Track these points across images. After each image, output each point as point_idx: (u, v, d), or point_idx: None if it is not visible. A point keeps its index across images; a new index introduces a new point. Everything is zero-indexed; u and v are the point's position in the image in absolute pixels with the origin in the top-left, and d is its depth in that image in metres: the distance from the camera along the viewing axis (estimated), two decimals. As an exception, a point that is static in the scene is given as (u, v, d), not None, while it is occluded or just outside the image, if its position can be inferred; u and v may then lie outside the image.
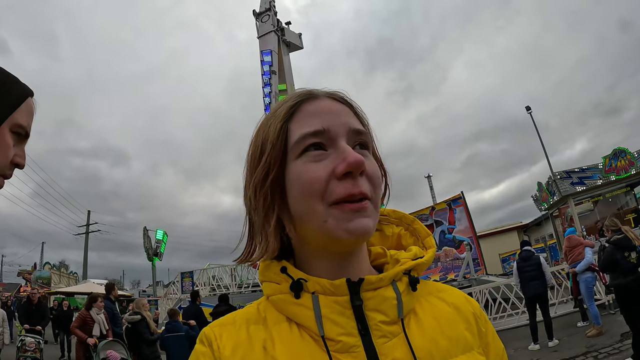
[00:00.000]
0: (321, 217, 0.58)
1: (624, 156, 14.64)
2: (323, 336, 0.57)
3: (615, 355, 5.73)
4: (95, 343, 6.46)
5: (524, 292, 7.56)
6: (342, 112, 0.63)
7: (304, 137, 0.60)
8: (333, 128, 0.60)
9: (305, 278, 0.61)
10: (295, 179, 0.60)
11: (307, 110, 0.63)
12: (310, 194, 0.58)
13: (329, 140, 0.60)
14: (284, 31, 19.84)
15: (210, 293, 15.99)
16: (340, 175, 0.57)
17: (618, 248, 5.44)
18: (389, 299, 0.60)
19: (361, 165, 0.57)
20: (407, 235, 0.74)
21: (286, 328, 0.60)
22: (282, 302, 0.62)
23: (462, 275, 14.77)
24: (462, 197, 17.00)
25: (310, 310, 0.59)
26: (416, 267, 0.65)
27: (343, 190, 0.57)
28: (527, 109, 19.67)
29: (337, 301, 0.59)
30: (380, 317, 0.59)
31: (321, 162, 0.59)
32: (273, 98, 18.59)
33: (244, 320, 0.64)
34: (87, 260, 31.38)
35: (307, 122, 0.61)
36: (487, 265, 16.22)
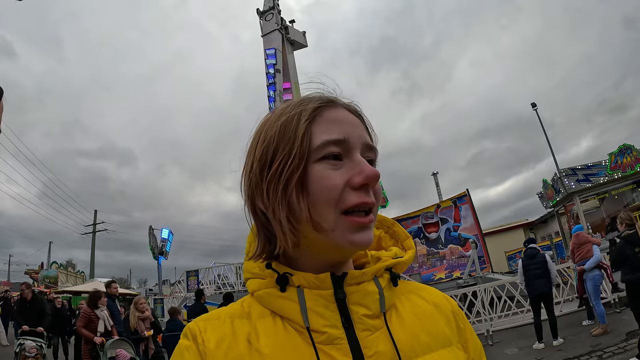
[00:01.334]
0: (330, 225, 0.59)
1: (630, 153, 14.51)
2: (308, 327, 0.59)
3: (621, 354, 5.69)
4: (102, 342, 6.46)
5: (529, 290, 7.51)
6: (358, 124, 0.66)
7: (326, 144, 0.61)
8: (352, 139, 0.62)
9: (290, 272, 0.63)
10: (313, 183, 0.61)
11: (329, 117, 0.64)
12: (327, 200, 0.59)
13: (346, 150, 0.62)
14: (288, 29, 19.80)
15: (216, 291, 16.07)
16: (357, 186, 0.59)
17: (629, 243, 5.41)
18: (371, 293, 0.62)
19: (377, 179, 0.60)
20: (387, 237, 0.77)
21: (270, 322, 0.62)
22: (267, 297, 0.64)
23: (468, 273, 14.75)
24: (467, 195, 16.98)
25: (295, 303, 0.61)
26: (396, 266, 0.68)
27: (356, 199, 0.59)
28: (533, 105, 19.57)
29: (321, 294, 0.61)
30: (363, 310, 0.61)
31: (338, 171, 0.61)
32: (277, 96, 18.57)
33: (228, 315, 0.65)
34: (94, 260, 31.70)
35: (328, 129, 0.62)
36: (493, 263, 16.19)
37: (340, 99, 0.68)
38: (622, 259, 5.47)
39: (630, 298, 5.58)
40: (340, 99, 0.68)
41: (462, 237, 16.71)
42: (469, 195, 16.97)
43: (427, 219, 17.83)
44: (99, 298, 6.94)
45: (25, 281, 9.64)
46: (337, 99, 0.68)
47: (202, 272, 17.61)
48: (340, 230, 0.59)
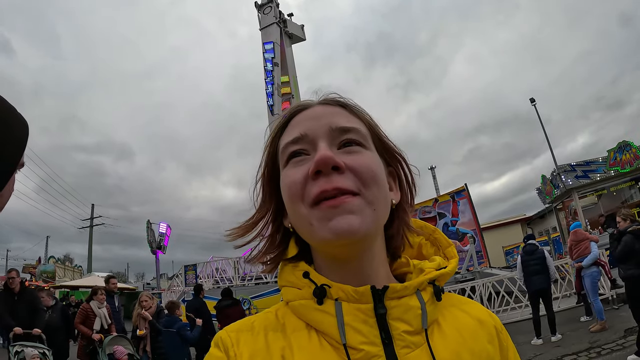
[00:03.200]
0: (307, 221, 0.58)
1: (629, 149, 14.55)
2: (345, 344, 0.56)
3: (619, 351, 5.72)
4: (100, 339, 6.44)
5: (528, 286, 7.54)
6: (327, 114, 0.63)
7: (285, 147, 0.62)
8: (312, 132, 0.61)
9: (328, 284, 0.59)
10: (282, 188, 0.62)
11: (294, 121, 0.65)
12: (291, 197, 0.59)
13: (309, 145, 0.61)
14: (286, 23, 19.70)
15: (214, 286, 16.07)
16: (311, 174, 0.57)
17: (637, 238, 5.40)
18: (413, 308, 0.59)
19: (328, 162, 0.56)
20: (427, 244, 0.74)
21: (305, 336, 0.59)
22: (303, 308, 0.61)
23: (466, 268, 14.79)
24: (465, 190, 16.98)
25: (332, 317, 0.57)
26: (439, 278, 0.64)
27: (316, 189, 0.56)
28: (532, 101, 19.58)
29: (360, 309, 0.57)
30: (404, 326, 0.58)
31: (301, 167, 0.60)
32: (275, 90, 18.51)
33: (262, 327, 0.62)
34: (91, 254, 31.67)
35: (290, 132, 0.63)
36: (491, 258, 16.23)
37: (313, 99, 0.68)
38: (629, 253, 5.45)
39: (629, 295, 5.59)
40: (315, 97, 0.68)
41: (460, 231, 16.72)
42: (467, 190, 16.97)
43: (425, 214, 17.82)
44: (95, 293, 6.91)
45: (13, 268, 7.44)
46: (310, 101, 0.67)
47: (200, 266, 17.61)
48: (316, 221, 0.57)
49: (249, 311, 13.00)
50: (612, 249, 5.94)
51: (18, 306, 6.31)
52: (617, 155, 14.74)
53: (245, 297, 13.20)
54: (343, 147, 0.60)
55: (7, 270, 6.99)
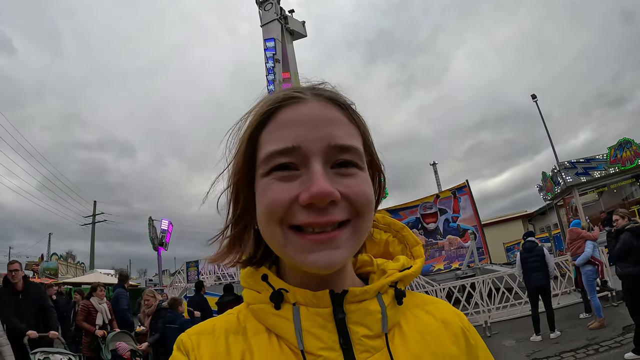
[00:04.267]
0: (280, 243, 0.54)
1: (630, 147, 14.51)
2: (302, 350, 0.55)
3: (617, 348, 5.75)
4: (104, 335, 6.52)
5: (527, 283, 7.59)
6: (323, 121, 0.55)
7: (271, 156, 0.54)
8: (306, 144, 0.53)
9: (286, 288, 0.58)
10: (258, 197, 0.57)
11: (282, 119, 0.56)
12: (269, 216, 0.54)
13: (300, 159, 0.53)
14: (287, 19, 19.64)
15: (216, 282, 16.14)
16: (303, 204, 0.52)
17: (636, 235, 5.45)
18: (373, 312, 0.58)
19: (327, 197, 0.51)
20: (395, 242, 0.72)
21: (265, 339, 0.58)
22: (261, 312, 0.59)
23: (467, 264, 14.81)
24: (467, 186, 16.98)
25: (290, 322, 0.56)
26: (403, 279, 0.63)
27: (305, 218, 0.52)
28: (533, 97, 19.52)
29: (319, 313, 0.56)
30: (364, 331, 0.57)
31: (287, 184, 0.53)
32: (277, 86, 18.44)
33: (223, 329, 0.61)
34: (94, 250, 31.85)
35: (278, 136, 0.55)
36: (492, 254, 16.26)
37: (308, 91, 0.59)
38: (627, 251, 5.49)
39: (626, 292, 5.62)
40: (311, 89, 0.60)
41: (461, 228, 16.73)
42: (468, 186, 16.97)
43: (426, 209, 17.81)
44: (95, 290, 7.00)
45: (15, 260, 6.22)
46: (304, 89, 0.59)
47: (202, 262, 17.66)
48: (292, 247, 0.53)
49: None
50: (610, 247, 5.96)
51: (23, 305, 5.28)
52: (618, 153, 14.70)
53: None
54: (337, 166, 0.55)
55: (9, 262, 5.66)
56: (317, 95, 0.58)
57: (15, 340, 4.77)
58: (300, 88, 0.59)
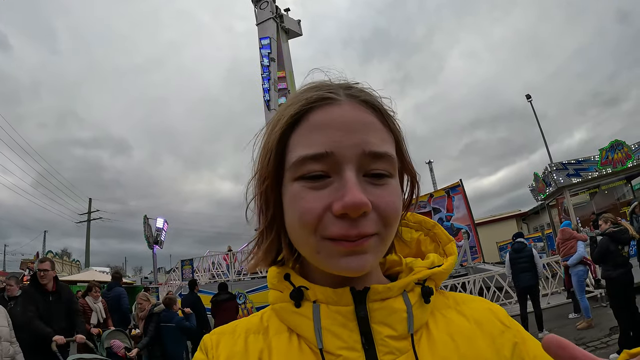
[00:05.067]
0: (314, 249, 0.53)
1: (621, 148, 14.55)
2: (321, 349, 0.53)
3: (603, 349, 5.83)
4: (99, 332, 6.57)
5: (516, 283, 7.70)
6: (358, 125, 0.53)
7: (303, 161, 0.52)
8: (340, 151, 0.51)
9: (306, 286, 0.57)
10: (289, 204, 0.54)
11: (314, 122, 0.53)
12: (302, 224, 0.52)
13: (333, 166, 0.51)
14: (282, 18, 19.64)
15: (210, 280, 16.17)
16: (336, 214, 0.50)
17: (613, 240, 5.56)
18: (398, 311, 0.55)
19: (361, 208, 0.49)
20: (427, 240, 0.69)
21: (286, 339, 0.57)
22: (283, 311, 0.59)
23: (460, 263, 14.91)
24: (460, 185, 17.07)
25: (310, 320, 0.55)
26: (433, 277, 0.60)
27: (337, 230, 0.50)
28: (527, 97, 19.66)
29: (339, 311, 0.54)
30: (388, 331, 0.54)
31: (319, 191, 0.52)
32: (272, 85, 18.50)
33: (244, 329, 0.61)
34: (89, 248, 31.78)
35: (310, 139, 0.52)
36: (485, 253, 16.37)
37: (341, 91, 0.56)
38: (604, 255, 5.64)
39: (609, 294, 5.75)
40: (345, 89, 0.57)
41: (454, 227, 16.80)
42: (462, 185, 17.06)
43: (420, 208, 17.49)
44: (90, 289, 7.03)
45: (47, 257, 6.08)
46: (336, 90, 0.56)
47: (197, 260, 17.69)
48: (325, 253, 0.52)
49: (244, 305, 13.13)
50: (591, 251, 6.10)
51: (54, 308, 4.76)
52: (609, 154, 14.75)
53: (240, 292, 13.29)
54: (370, 176, 0.53)
55: (40, 259, 5.05)
56: (351, 97, 0.55)
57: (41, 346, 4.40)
58: (333, 87, 0.57)
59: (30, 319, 4.48)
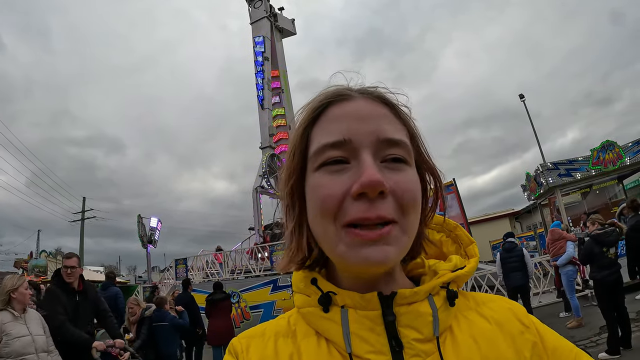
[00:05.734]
0: (333, 241, 0.54)
1: (612, 149, 14.68)
2: (350, 354, 0.54)
3: (592, 348, 5.89)
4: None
5: (507, 282, 7.76)
6: (372, 116, 0.56)
7: (322, 149, 0.55)
8: (357, 138, 0.54)
9: (334, 291, 0.58)
10: (310, 193, 0.56)
11: (332, 115, 0.57)
12: (323, 212, 0.54)
13: (351, 152, 0.54)
14: (276, 17, 19.64)
15: (205, 279, 16.16)
16: (354, 195, 0.51)
17: (597, 243, 5.62)
18: (424, 314, 0.56)
19: (377, 187, 0.50)
20: (449, 242, 0.69)
21: (314, 343, 0.58)
22: (311, 316, 0.60)
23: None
24: (454, 184, 17.11)
25: (338, 325, 0.56)
26: (456, 279, 0.61)
27: (356, 212, 0.51)
28: (521, 97, 19.71)
29: (367, 316, 0.55)
30: (414, 334, 0.55)
31: (339, 177, 0.54)
32: (265, 84, 18.50)
33: (273, 333, 0.62)
34: (83, 247, 31.53)
35: (328, 130, 0.56)
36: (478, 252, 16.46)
37: (355, 87, 0.60)
38: (589, 257, 5.72)
39: (596, 295, 5.82)
40: (357, 86, 0.61)
41: (447, 226, 16.90)
42: (455, 184, 17.10)
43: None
44: None
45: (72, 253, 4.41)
46: (351, 88, 0.60)
47: (191, 259, 17.67)
48: (344, 246, 0.53)
49: (238, 304, 13.14)
50: (579, 251, 6.17)
51: (81, 310, 4.23)
52: (601, 155, 14.86)
53: (234, 291, 13.28)
54: (386, 161, 0.55)
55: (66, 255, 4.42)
56: (364, 94, 0.59)
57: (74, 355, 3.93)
58: (348, 87, 0.60)
59: (62, 323, 3.96)
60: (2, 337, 3.36)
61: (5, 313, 3.50)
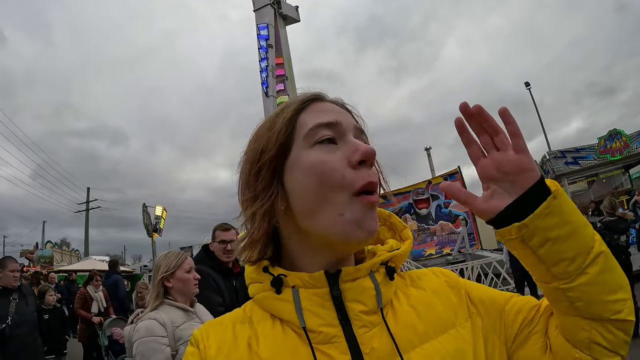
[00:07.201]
0: (338, 210, 0.59)
1: (620, 138, 14.58)
2: (304, 327, 0.59)
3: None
4: (100, 321, 6.61)
5: (514, 270, 7.75)
6: (346, 113, 0.68)
7: (318, 126, 0.63)
8: (344, 122, 0.64)
9: (284, 273, 0.63)
10: (310, 169, 0.61)
11: (320, 107, 0.66)
12: (331, 184, 0.59)
13: (339, 134, 0.63)
14: (280, 4, 19.40)
15: (210, 267, 16.24)
16: (355, 163, 0.60)
17: (609, 230, 5.60)
18: (367, 289, 0.62)
19: (373, 155, 0.61)
20: (384, 229, 0.76)
21: (269, 324, 0.63)
22: (265, 300, 0.65)
23: (458, 250, 15.01)
24: (459, 172, 17.11)
25: (291, 303, 0.61)
26: (393, 259, 0.67)
27: (362, 179, 0.59)
28: (527, 84, 19.55)
29: (316, 293, 0.61)
30: (360, 307, 0.61)
31: (334, 153, 0.61)
32: (270, 72, 18.38)
33: (231, 320, 0.67)
34: (88, 237, 31.71)
35: (320, 115, 0.64)
36: (482, 240, 16.43)
37: (326, 96, 0.70)
38: None
39: None
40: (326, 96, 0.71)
41: (452, 213, 16.90)
42: (460, 172, 17.10)
43: (418, 195, 17.95)
44: (92, 278, 7.06)
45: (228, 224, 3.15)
46: (324, 94, 0.70)
47: (196, 248, 17.77)
48: (350, 213, 0.59)
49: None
50: None
51: (241, 297, 3.05)
52: (608, 143, 14.76)
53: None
54: None
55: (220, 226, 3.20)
56: (333, 101, 0.70)
57: None
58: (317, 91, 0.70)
59: None
60: (179, 347, 2.13)
61: (172, 310, 2.27)
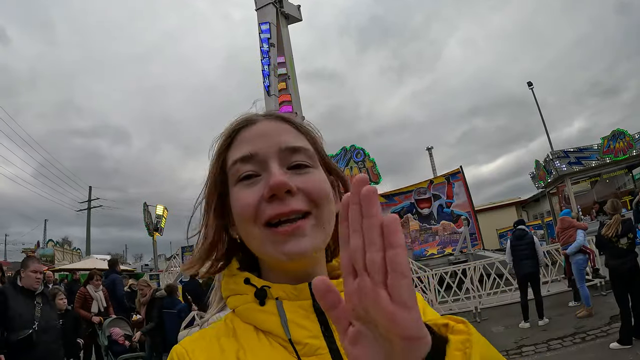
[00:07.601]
0: (259, 241, 0.62)
1: (623, 138, 14.51)
2: (290, 339, 0.59)
3: (603, 338, 5.87)
4: (100, 321, 6.61)
5: (517, 270, 7.72)
6: (274, 132, 0.66)
7: (234, 164, 0.65)
8: (262, 151, 0.64)
9: (268, 285, 0.63)
10: (233, 206, 0.65)
11: (242, 138, 0.67)
12: (244, 219, 0.62)
13: (260, 165, 0.63)
14: (282, 2, 19.35)
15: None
16: (266, 198, 0.60)
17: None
18: None
19: (282, 187, 0.60)
20: None
21: (254, 337, 0.62)
22: (247, 312, 0.64)
23: (459, 250, 14.95)
24: (460, 172, 17.03)
25: (275, 315, 0.61)
26: None
27: (271, 211, 0.60)
28: (529, 84, 19.51)
29: (301, 305, 0.61)
30: None
31: (253, 188, 0.62)
32: (272, 71, 18.32)
33: (213, 334, 0.64)
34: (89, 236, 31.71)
35: (239, 149, 0.65)
36: (484, 240, 16.40)
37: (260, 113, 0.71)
38: (602, 246, 5.73)
39: (611, 283, 5.77)
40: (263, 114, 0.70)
41: (454, 213, 16.82)
42: (462, 172, 17.02)
43: (420, 195, 17.88)
44: (92, 278, 7.05)
45: None
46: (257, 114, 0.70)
47: (197, 247, 17.72)
48: (269, 243, 0.61)
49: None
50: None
51: None
52: (611, 143, 14.69)
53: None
54: (293, 168, 0.64)
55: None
56: (267, 117, 0.69)
57: None
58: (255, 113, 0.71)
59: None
60: None
61: None
